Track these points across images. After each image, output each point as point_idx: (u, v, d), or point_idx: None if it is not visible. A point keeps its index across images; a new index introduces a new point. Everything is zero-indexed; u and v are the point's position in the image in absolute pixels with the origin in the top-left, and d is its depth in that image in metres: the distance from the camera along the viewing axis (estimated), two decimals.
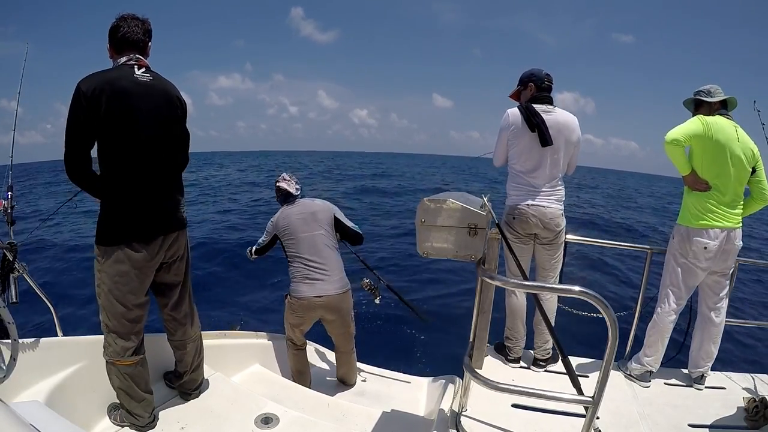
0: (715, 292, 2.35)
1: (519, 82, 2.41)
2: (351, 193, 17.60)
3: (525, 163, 2.29)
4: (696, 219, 2.22)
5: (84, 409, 1.96)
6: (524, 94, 2.38)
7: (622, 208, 18.71)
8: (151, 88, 1.77)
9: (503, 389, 1.54)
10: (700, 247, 2.21)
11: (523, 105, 2.29)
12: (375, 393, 2.93)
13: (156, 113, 1.78)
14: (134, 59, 1.77)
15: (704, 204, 2.20)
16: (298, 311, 2.68)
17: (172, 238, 1.90)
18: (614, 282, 7.14)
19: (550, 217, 2.29)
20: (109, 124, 1.65)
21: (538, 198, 2.29)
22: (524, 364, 2.53)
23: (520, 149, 2.29)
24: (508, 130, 2.30)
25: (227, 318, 4.91)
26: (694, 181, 2.23)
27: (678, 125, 2.20)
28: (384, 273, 4.00)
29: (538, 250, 2.41)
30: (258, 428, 2.04)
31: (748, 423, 2.05)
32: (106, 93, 1.63)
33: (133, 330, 1.84)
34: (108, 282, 1.76)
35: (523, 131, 2.25)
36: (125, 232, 1.75)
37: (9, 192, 2.14)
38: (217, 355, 2.64)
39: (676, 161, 2.25)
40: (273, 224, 2.79)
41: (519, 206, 2.31)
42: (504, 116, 2.33)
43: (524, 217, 2.29)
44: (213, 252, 7.68)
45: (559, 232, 2.35)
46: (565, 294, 1.90)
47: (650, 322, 2.42)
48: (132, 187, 1.74)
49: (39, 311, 2.07)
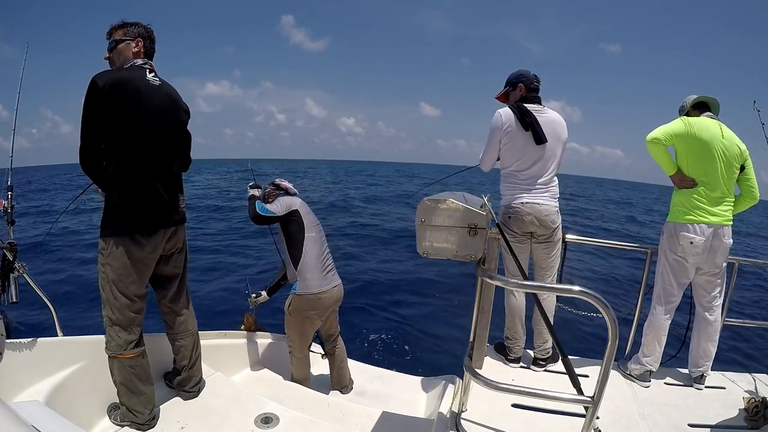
0: (708, 291, 2.35)
1: (507, 83, 2.41)
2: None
3: (519, 162, 2.29)
4: (683, 215, 2.25)
5: (84, 409, 1.96)
6: (513, 94, 2.38)
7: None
8: (160, 91, 1.88)
9: (503, 389, 1.54)
10: (686, 242, 2.22)
11: (512, 104, 2.29)
12: (375, 393, 2.93)
13: (163, 115, 1.88)
14: (148, 64, 1.90)
15: (691, 200, 2.23)
16: (318, 309, 2.58)
17: (171, 231, 1.98)
18: (614, 282, 7.15)
19: (546, 214, 2.29)
20: (119, 120, 1.74)
21: (532, 195, 2.29)
22: (524, 364, 2.53)
23: (514, 148, 2.28)
24: (501, 129, 2.27)
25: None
26: (681, 179, 2.26)
27: (660, 126, 2.26)
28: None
29: (535, 248, 2.40)
30: (258, 428, 2.04)
31: (748, 423, 2.05)
32: (119, 89, 1.72)
33: (135, 322, 1.89)
34: (112, 274, 1.82)
35: (517, 130, 2.24)
36: (129, 224, 1.82)
37: (9, 192, 2.15)
38: (217, 355, 2.64)
39: (659, 160, 2.29)
40: (284, 203, 2.65)
41: (513, 204, 2.30)
42: (495, 116, 2.30)
43: (519, 215, 2.29)
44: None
45: (555, 229, 2.35)
46: (565, 294, 1.90)
47: (646, 321, 2.43)
48: (136, 182, 1.82)
49: (39, 311, 2.07)
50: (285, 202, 2.66)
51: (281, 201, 2.67)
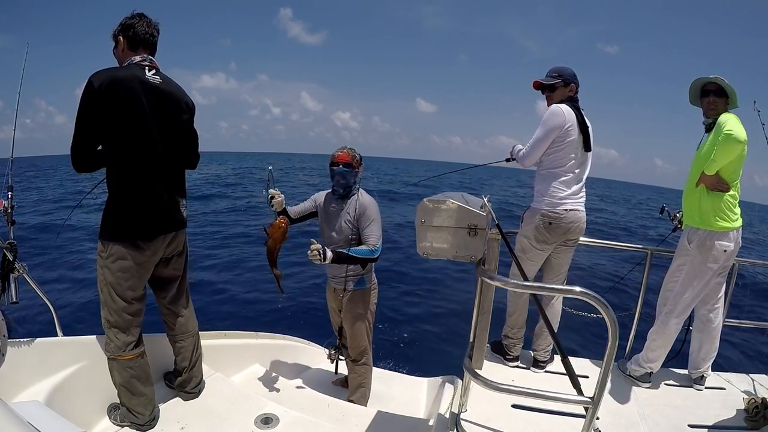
0: (715, 293, 2.32)
1: (559, 75, 2.25)
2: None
3: (570, 164, 2.20)
4: (717, 222, 2.10)
5: (84, 409, 1.96)
6: (561, 91, 2.25)
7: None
8: (160, 91, 1.81)
9: (503, 390, 1.54)
10: (720, 251, 2.11)
11: (570, 104, 2.20)
12: (375, 393, 2.93)
13: (162, 115, 1.82)
14: (147, 60, 1.82)
15: (727, 205, 2.09)
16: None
17: (171, 235, 1.95)
18: (614, 282, 7.14)
19: (584, 221, 2.26)
20: (115, 122, 1.69)
21: (575, 202, 2.23)
22: (523, 365, 2.53)
23: (570, 150, 2.18)
24: (562, 127, 2.14)
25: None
26: (718, 181, 2.09)
27: (732, 123, 2.00)
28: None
29: (559, 252, 2.33)
30: (258, 428, 2.04)
31: (748, 424, 2.05)
32: (115, 90, 1.66)
33: (133, 323, 1.89)
34: (110, 277, 1.81)
35: (575, 131, 2.16)
36: (128, 229, 1.80)
37: (9, 192, 2.14)
38: (217, 355, 2.64)
39: (725, 159, 2.03)
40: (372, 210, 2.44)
41: (557, 211, 2.20)
42: (556, 111, 2.16)
43: (563, 223, 2.21)
44: None
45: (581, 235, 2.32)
46: (565, 295, 1.90)
47: (655, 327, 2.35)
48: (136, 185, 1.79)
49: (39, 311, 2.07)
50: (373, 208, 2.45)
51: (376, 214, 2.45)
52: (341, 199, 2.47)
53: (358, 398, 2.69)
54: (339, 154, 2.42)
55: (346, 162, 2.40)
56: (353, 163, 2.41)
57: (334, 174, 2.43)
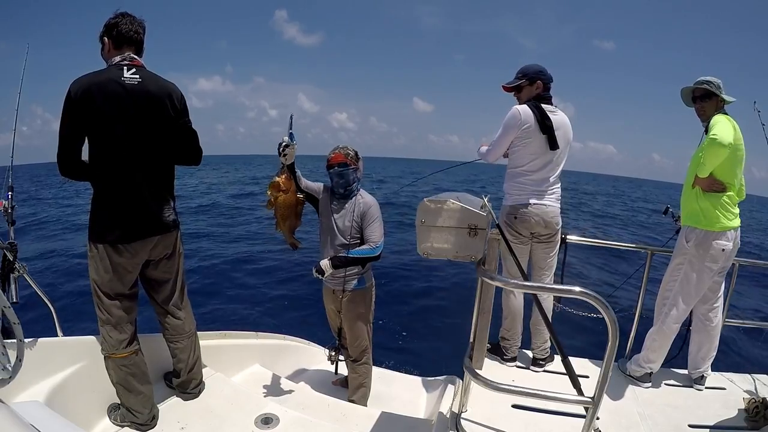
0: (715, 293, 2.32)
1: (523, 75, 2.28)
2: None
3: (531, 163, 2.25)
4: (714, 222, 2.12)
5: (84, 409, 1.96)
6: (528, 90, 2.28)
7: None
8: (137, 91, 1.75)
9: (504, 390, 1.54)
10: (718, 250, 2.12)
11: (532, 104, 2.22)
12: (375, 393, 2.92)
13: (140, 115, 1.76)
14: (128, 59, 1.79)
15: (723, 204, 2.11)
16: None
17: (154, 241, 1.91)
18: (614, 282, 7.14)
19: (552, 216, 2.29)
20: (92, 126, 1.70)
21: (540, 197, 2.28)
22: (522, 364, 2.53)
23: (529, 149, 2.24)
24: (518, 128, 2.21)
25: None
26: (712, 183, 2.11)
27: (719, 127, 1.99)
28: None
29: (535, 248, 2.39)
30: (258, 428, 2.04)
31: (749, 423, 2.05)
32: (91, 96, 1.66)
33: (125, 320, 1.89)
34: (94, 275, 1.83)
35: (535, 132, 2.20)
36: (106, 232, 1.80)
37: (9, 192, 2.15)
38: (217, 355, 2.64)
39: (714, 163, 2.05)
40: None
41: (521, 206, 2.29)
42: (513, 113, 2.21)
43: (527, 217, 2.28)
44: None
45: (558, 230, 2.35)
46: (565, 294, 1.90)
47: (654, 327, 2.35)
48: (113, 189, 1.78)
49: (39, 311, 2.07)
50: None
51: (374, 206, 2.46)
52: (343, 199, 2.47)
53: (358, 398, 2.68)
54: (332, 156, 2.42)
55: (341, 162, 2.40)
56: (348, 161, 2.40)
57: (332, 177, 2.44)
